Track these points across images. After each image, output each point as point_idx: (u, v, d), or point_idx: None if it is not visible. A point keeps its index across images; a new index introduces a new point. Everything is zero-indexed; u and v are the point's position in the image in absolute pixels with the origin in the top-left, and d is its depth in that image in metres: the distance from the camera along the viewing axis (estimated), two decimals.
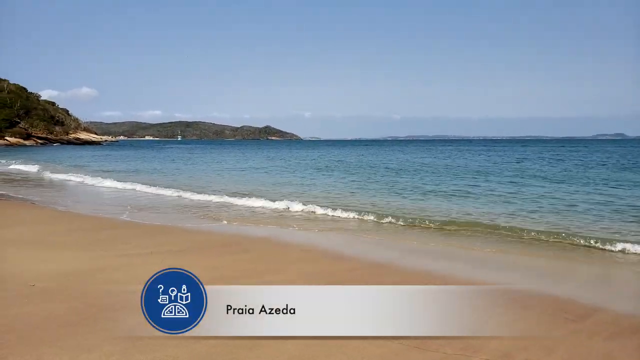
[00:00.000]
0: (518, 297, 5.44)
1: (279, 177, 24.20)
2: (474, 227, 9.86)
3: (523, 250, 8.07)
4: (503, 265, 7.21)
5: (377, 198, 15.17)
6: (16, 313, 4.39)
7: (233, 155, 57.27)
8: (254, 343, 3.80)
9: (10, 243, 7.59)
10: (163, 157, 51.24)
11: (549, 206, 12.96)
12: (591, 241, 8.31)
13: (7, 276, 5.61)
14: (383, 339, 4.01)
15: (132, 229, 9.35)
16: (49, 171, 26.26)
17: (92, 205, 13.43)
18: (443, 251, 8.02)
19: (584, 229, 9.71)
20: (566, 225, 10.11)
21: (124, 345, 3.74)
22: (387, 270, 6.59)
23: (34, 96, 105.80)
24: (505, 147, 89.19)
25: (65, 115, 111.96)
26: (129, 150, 73.45)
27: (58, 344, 3.73)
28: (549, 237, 8.80)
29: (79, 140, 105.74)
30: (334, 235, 9.61)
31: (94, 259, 6.65)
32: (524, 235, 8.99)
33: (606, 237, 8.57)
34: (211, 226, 9.95)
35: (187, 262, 6.64)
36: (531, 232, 9.10)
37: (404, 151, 68.87)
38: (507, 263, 7.36)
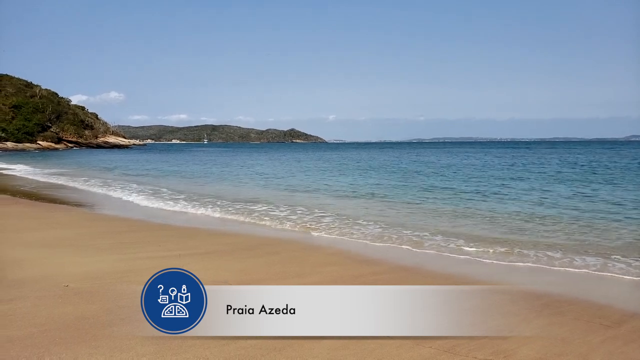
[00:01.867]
0: (551, 302, 5.31)
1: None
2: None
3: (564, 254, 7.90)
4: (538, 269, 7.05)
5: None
6: (51, 313, 4.50)
7: (272, 159, 53.67)
8: (285, 344, 3.81)
9: (44, 245, 7.80)
10: (206, 163, 44.19)
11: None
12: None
13: (41, 277, 5.77)
14: (413, 343, 3.97)
15: (162, 231, 9.50)
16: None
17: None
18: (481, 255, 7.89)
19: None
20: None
21: (156, 346, 3.80)
22: (414, 273, 6.53)
23: (64, 101, 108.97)
24: (548, 148, 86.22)
25: (94, 119, 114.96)
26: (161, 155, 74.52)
27: (92, 344, 3.82)
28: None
29: (108, 144, 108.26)
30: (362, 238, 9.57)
31: (125, 260, 6.78)
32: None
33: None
34: (238, 229, 10.04)
35: (215, 264, 6.73)
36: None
37: (455, 152, 67.02)
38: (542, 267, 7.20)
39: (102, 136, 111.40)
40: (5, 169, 31.71)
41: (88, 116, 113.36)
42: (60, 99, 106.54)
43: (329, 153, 76.56)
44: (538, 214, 12.03)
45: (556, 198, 15.28)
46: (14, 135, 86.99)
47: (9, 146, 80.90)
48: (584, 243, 8.60)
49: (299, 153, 79.85)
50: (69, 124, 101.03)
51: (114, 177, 26.37)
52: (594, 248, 8.21)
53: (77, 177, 24.82)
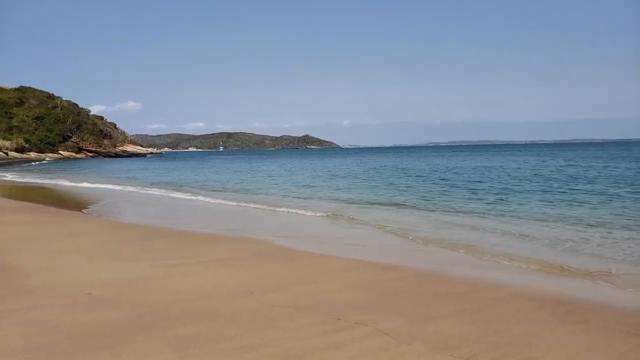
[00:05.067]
0: (576, 308, 5.21)
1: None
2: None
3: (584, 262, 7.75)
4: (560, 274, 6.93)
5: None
6: (75, 320, 4.57)
7: (293, 165, 51.89)
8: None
9: (67, 252, 7.93)
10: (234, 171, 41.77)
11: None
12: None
13: (65, 284, 5.86)
14: (434, 352, 3.93)
15: (179, 239, 9.59)
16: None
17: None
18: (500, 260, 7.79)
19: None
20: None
21: (178, 353, 3.83)
22: (437, 279, 6.47)
23: (84, 111, 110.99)
24: (574, 150, 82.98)
25: (112, 129, 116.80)
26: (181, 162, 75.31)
27: (115, 351, 3.86)
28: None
29: (126, 153, 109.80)
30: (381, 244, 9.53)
31: (145, 268, 6.86)
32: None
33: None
34: (256, 236, 10.07)
35: (231, 271, 6.76)
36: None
37: (479, 155, 65.39)
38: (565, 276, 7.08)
39: (121, 145, 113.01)
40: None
41: (107, 126, 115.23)
42: (80, 110, 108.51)
43: (364, 159, 72.17)
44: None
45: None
46: (37, 145, 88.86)
47: (32, 156, 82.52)
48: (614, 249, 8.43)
49: (331, 158, 77.82)
50: (88, 133, 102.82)
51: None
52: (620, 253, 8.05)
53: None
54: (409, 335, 4.31)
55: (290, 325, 4.52)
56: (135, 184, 28.00)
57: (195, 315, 4.75)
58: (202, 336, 4.20)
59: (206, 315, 4.76)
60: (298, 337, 4.22)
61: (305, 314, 4.86)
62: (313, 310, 4.98)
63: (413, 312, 4.97)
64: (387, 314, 4.89)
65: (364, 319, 4.70)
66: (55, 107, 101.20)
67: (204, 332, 4.30)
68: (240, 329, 4.38)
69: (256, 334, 4.26)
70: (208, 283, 6.06)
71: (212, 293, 5.58)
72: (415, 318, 4.78)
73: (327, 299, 5.41)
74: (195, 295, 5.49)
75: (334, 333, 4.33)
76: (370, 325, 4.53)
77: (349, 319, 4.72)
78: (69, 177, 34.62)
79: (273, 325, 4.49)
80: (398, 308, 5.12)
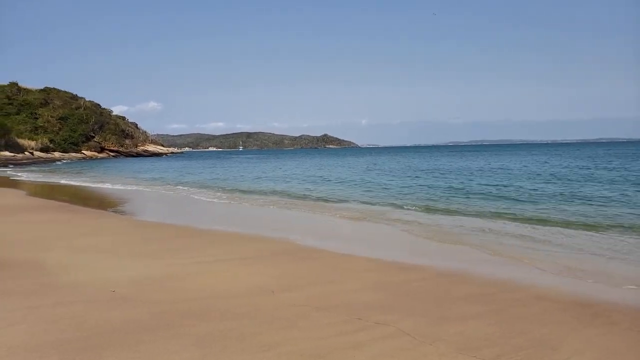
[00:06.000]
0: (602, 310, 5.10)
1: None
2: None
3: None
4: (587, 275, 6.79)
5: None
6: (100, 317, 4.65)
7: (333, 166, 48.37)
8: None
9: (92, 250, 8.08)
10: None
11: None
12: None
13: (90, 282, 5.97)
14: (457, 352, 3.89)
15: (202, 238, 9.68)
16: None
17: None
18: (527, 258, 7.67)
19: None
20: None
21: (200, 351, 3.87)
22: (458, 279, 6.40)
23: (106, 112, 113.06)
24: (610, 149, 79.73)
25: (134, 129, 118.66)
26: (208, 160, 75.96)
27: (139, 348, 3.92)
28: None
29: (147, 152, 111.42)
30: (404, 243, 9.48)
31: (168, 266, 6.94)
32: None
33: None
34: (278, 235, 10.11)
35: (255, 269, 6.80)
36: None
37: (520, 155, 63.47)
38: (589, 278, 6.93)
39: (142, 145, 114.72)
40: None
41: (128, 126, 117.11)
42: (102, 110, 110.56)
43: (396, 158, 69.99)
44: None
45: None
46: (61, 145, 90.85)
47: (56, 156, 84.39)
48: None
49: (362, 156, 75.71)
50: (110, 133, 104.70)
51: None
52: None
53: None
54: (430, 335, 4.27)
55: (310, 324, 4.52)
56: (159, 183, 28.40)
57: (216, 314, 4.79)
58: (223, 334, 4.24)
59: (228, 314, 4.79)
60: (318, 336, 4.22)
61: (326, 313, 4.86)
62: (333, 309, 4.98)
63: (434, 313, 4.92)
64: (408, 314, 4.85)
65: (384, 319, 4.68)
66: (79, 107, 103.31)
67: (226, 330, 4.34)
68: (261, 328, 4.40)
69: (277, 333, 4.28)
70: (229, 282, 6.11)
71: (233, 292, 5.62)
72: (436, 318, 4.74)
73: (347, 298, 5.40)
74: (216, 293, 5.54)
75: (354, 333, 4.32)
76: (391, 325, 4.51)
77: (369, 318, 4.70)
78: (93, 176, 35.29)
79: (293, 324, 4.51)
80: (419, 308, 5.08)
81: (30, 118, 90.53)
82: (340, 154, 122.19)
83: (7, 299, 5.17)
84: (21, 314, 4.67)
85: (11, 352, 3.79)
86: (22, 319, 4.53)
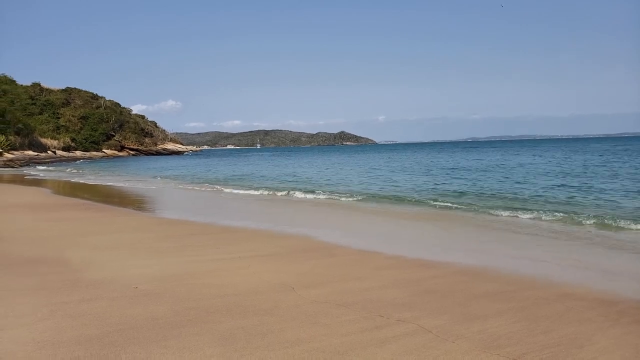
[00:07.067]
0: (628, 308, 5.00)
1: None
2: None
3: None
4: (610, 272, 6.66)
5: None
6: (124, 313, 4.73)
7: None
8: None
9: (114, 247, 8.22)
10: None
11: None
12: None
13: (113, 278, 6.07)
14: (480, 350, 3.85)
15: (223, 234, 9.78)
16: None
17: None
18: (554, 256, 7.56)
19: None
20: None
21: (223, 347, 3.90)
22: (480, 277, 6.33)
23: (126, 111, 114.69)
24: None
25: (153, 128, 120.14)
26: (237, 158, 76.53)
27: (163, 344, 3.97)
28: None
29: (166, 151, 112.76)
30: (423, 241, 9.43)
31: (190, 263, 7.02)
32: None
33: None
34: (296, 231, 10.15)
35: (273, 267, 6.83)
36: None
37: (551, 151, 59.55)
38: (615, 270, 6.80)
39: (161, 143, 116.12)
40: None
41: (147, 124, 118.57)
42: (122, 109, 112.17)
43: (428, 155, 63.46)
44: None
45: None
46: (82, 144, 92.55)
47: (77, 154, 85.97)
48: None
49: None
50: (130, 132, 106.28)
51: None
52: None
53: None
54: (452, 333, 4.24)
55: (331, 321, 4.53)
56: (179, 180, 28.72)
57: (238, 310, 4.83)
58: (246, 330, 4.27)
59: (249, 310, 4.83)
60: (340, 333, 4.23)
61: (347, 310, 4.86)
62: (354, 306, 4.97)
63: (456, 310, 4.89)
64: (430, 312, 4.83)
65: (406, 317, 4.66)
66: (99, 106, 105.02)
67: (248, 326, 4.37)
68: (282, 324, 4.43)
69: (299, 330, 4.30)
70: (250, 278, 6.15)
71: (254, 288, 5.66)
72: (458, 316, 4.70)
73: (368, 295, 5.39)
74: (237, 290, 5.58)
75: (376, 330, 4.31)
76: (412, 323, 4.49)
77: (390, 315, 4.69)
78: (114, 174, 35.87)
79: (315, 321, 4.52)
80: (441, 306, 5.05)
81: (52, 118, 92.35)
82: (368, 150, 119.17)
83: (35, 295, 5.29)
84: (48, 310, 4.77)
85: (40, 346, 3.88)
86: (50, 315, 4.63)
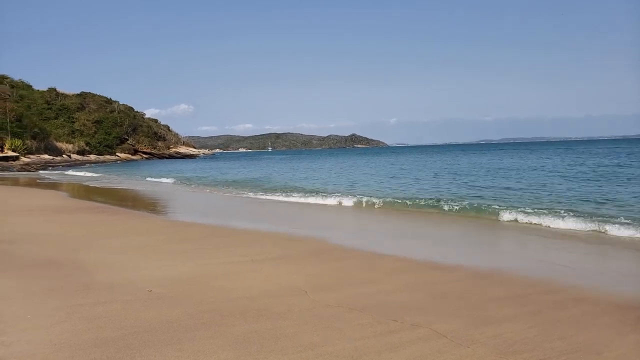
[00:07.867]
0: None
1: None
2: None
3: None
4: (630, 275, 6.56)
5: None
6: (138, 316, 4.76)
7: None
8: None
9: (127, 251, 8.29)
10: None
11: None
12: None
13: (127, 281, 6.12)
14: (496, 356, 3.81)
15: (236, 237, 9.81)
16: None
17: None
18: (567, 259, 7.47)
19: None
20: None
21: (237, 351, 3.91)
22: (494, 280, 6.28)
23: (139, 115, 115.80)
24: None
25: (166, 131, 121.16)
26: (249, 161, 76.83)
27: (178, 347, 3.99)
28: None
29: (179, 154, 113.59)
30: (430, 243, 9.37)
31: (202, 266, 7.06)
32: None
33: None
34: (307, 234, 10.15)
35: (285, 269, 6.83)
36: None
37: (576, 153, 56.90)
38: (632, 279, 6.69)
39: (174, 147, 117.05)
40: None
41: (160, 128, 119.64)
42: (135, 113, 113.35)
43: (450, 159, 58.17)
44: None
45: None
46: (96, 148, 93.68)
47: (92, 158, 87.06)
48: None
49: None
50: (143, 136, 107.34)
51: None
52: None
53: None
54: (467, 338, 4.21)
55: (345, 325, 4.51)
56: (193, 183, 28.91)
57: (252, 314, 4.84)
58: (260, 334, 4.27)
59: (263, 314, 4.83)
60: (353, 337, 4.21)
61: (360, 314, 4.84)
62: (367, 310, 4.96)
63: (470, 314, 4.85)
64: (444, 316, 4.79)
65: (420, 321, 4.63)
66: (113, 111, 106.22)
67: (262, 330, 4.37)
68: (295, 328, 4.42)
69: (312, 334, 4.29)
70: (263, 281, 6.16)
71: (267, 292, 5.66)
72: (472, 320, 4.66)
73: (381, 299, 5.37)
74: (250, 293, 5.59)
75: (389, 334, 4.29)
76: (426, 327, 4.46)
77: (404, 320, 4.66)
78: (128, 178, 36.20)
79: (328, 325, 4.51)
80: (455, 310, 5.01)
81: (67, 122, 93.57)
82: (383, 153, 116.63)
83: (53, 298, 5.35)
84: (65, 313, 4.82)
85: (57, 348, 3.93)
86: (66, 317, 4.68)
